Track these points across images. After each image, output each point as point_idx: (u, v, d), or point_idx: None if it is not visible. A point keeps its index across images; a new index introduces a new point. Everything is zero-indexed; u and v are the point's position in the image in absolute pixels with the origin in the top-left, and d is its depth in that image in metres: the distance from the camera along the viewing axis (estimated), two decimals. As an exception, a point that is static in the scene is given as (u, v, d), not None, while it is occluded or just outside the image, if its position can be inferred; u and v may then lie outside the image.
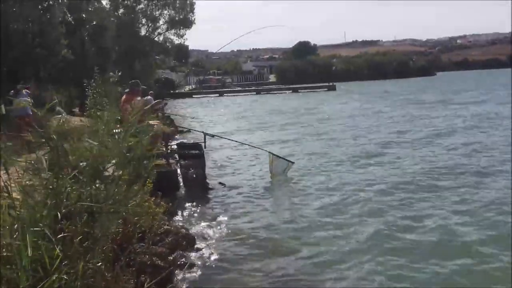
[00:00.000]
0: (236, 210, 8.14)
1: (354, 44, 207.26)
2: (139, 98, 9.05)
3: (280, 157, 10.59)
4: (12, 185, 3.18)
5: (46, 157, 3.38)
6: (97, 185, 3.60)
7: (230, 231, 7.00)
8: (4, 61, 15.85)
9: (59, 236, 2.97)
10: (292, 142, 16.37)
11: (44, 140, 3.22)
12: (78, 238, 2.96)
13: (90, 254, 3.08)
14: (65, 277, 2.67)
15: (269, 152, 10.88)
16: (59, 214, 3.13)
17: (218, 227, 7.19)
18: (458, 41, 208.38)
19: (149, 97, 16.36)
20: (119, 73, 6.21)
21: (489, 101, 28.51)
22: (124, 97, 9.41)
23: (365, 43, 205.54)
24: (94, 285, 2.97)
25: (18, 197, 3.19)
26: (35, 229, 2.86)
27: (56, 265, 2.62)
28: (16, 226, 2.92)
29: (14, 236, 2.83)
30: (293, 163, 10.52)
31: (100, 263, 3.16)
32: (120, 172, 3.97)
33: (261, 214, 7.86)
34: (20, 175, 3.41)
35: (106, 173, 3.82)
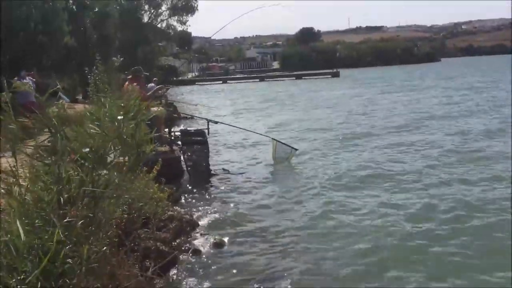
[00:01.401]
0: (240, 196, 8.16)
1: (358, 30, 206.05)
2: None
3: (283, 144, 10.58)
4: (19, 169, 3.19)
5: (48, 143, 3.39)
6: (99, 171, 3.60)
7: (233, 216, 7.02)
8: (7, 48, 15.83)
9: (63, 221, 2.99)
10: (289, 127, 16.70)
11: (45, 125, 3.21)
12: (81, 222, 2.96)
13: (94, 239, 3.09)
14: (70, 261, 2.69)
15: (273, 138, 10.87)
16: (61, 199, 3.15)
17: (222, 213, 7.22)
18: (463, 26, 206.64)
19: (152, 84, 16.36)
20: (122, 58, 6.16)
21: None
22: (126, 83, 9.40)
23: (369, 29, 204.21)
24: (98, 269, 2.99)
25: (23, 183, 3.21)
26: (40, 214, 2.88)
27: (59, 250, 2.63)
28: (21, 211, 2.94)
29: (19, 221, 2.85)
30: (296, 149, 10.51)
31: (104, 248, 3.18)
32: (122, 159, 3.99)
33: (264, 200, 7.88)
34: (24, 161, 3.42)
35: (109, 159, 3.83)
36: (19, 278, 2.49)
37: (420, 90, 30.75)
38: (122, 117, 4.40)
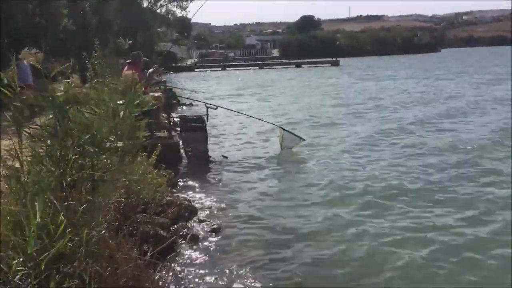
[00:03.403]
0: (238, 183, 8.16)
1: (358, 19, 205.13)
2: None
3: (290, 133, 10.34)
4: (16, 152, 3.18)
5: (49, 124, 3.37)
6: (98, 155, 3.59)
7: (231, 202, 7.03)
8: (4, 31, 15.66)
9: (64, 204, 2.98)
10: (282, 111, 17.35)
11: (49, 105, 3.18)
12: (82, 207, 2.96)
13: (94, 222, 3.09)
14: (70, 244, 2.69)
15: (280, 126, 10.68)
16: (64, 183, 3.14)
17: (220, 198, 7.22)
18: (464, 17, 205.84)
19: (151, 70, 16.22)
20: (130, 41, 6.09)
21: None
22: (125, 68, 9.36)
23: (370, 18, 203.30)
24: (97, 252, 2.99)
25: (18, 165, 3.19)
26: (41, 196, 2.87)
27: (60, 232, 2.63)
28: (22, 192, 2.94)
29: (21, 202, 2.85)
30: (304, 139, 10.33)
31: (103, 231, 3.18)
32: (121, 143, 3.97)
33: (262, 187, 7.89)
34: (25, 143, 3.40)
35: (108, 144, 3.81)
36: (21, 259, 2.49)
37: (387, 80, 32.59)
38: (121, 102, 4.38)
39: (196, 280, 4.64)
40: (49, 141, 3.27)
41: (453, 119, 14.21)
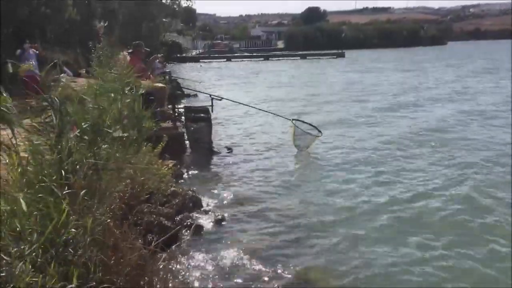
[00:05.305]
0: (241, 174, 8.15)
1: (364, 11, 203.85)
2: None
3: (305, 123, 9.60)
4: (19, 144, 3.18)
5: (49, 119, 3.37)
6: (99, 144, 3.59)
7: (235, 193, 7.02)
8: (9, 20, 15.63)
9: (65, 191, 2.97)
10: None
11: (47, 103, 3.19)
12: (83, 192, 2.94)
13: (98, 211, 3.09)
14: (74, 230, 2.69)
15: (292, 120, 9.80)
16: (62, 171, 3.13)
17: (224, 190, 7.22)
18: (471, 10, 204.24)
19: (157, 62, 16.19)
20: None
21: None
22: (128, 58, 9.35)
23: (376, 10, 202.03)
24: (102, 241, 3.00)
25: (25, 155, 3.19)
26: (41, 184, 2.87)
27: (65, 220, 2.63)
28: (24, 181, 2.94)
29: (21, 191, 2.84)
30: (320, 133, 9.45)
31: (108, 220, 3.18)
32: (121, 133, 3.97)
33: (267, 178, 7.87)
34: (25, 135, 3.40)
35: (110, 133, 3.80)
36: (23, 247, 2.49)
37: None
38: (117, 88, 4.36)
39: (199, 270, 4.64)
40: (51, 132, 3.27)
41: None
